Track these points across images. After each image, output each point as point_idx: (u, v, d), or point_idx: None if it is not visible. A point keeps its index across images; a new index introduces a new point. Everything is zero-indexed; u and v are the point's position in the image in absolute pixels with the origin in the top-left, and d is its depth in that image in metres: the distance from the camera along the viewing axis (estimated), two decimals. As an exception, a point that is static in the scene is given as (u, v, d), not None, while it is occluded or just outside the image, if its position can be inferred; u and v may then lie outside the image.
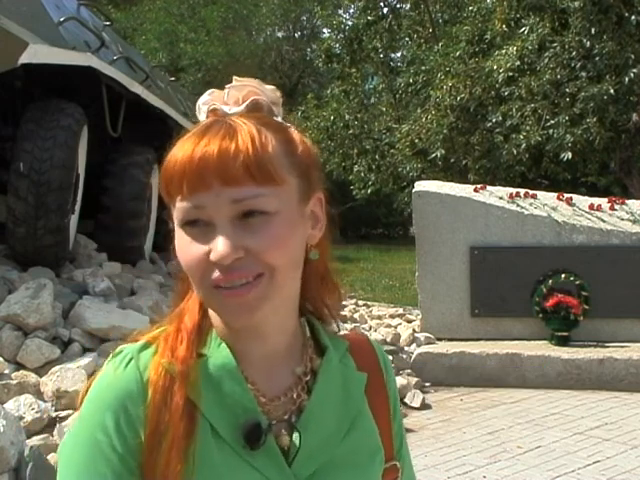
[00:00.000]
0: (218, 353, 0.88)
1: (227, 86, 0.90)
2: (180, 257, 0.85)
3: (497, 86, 11.40)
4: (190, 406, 0.85)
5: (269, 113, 0.90)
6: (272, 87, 0.92)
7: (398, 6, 15.01)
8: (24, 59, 4.12)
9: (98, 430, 0.84)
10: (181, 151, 0.83)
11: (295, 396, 0.91)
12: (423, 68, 12.75)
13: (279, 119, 0.90)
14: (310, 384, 0.92)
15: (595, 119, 10.47)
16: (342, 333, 1.02)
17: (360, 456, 0.93)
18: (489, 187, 7.07)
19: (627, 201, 6.93)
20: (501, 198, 6.73)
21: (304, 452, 0.88)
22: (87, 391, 0.89)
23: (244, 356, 0.89)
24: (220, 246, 0.81)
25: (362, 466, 0.93)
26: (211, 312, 0.90)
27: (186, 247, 0.84)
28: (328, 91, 16.22)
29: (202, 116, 0.90)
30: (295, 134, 0.90)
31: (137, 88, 6.13)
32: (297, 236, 0.87)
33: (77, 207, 5.29)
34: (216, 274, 0.82)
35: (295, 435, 0.88)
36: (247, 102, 0.88)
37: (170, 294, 4.97)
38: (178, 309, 0.93)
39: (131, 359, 0.88)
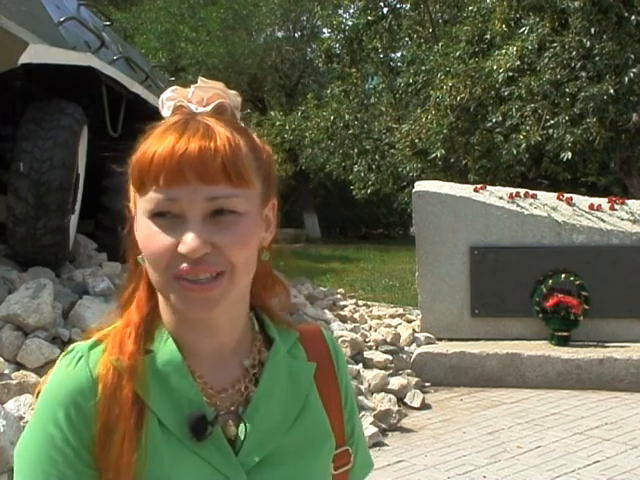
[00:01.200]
0: (165, 348, 0.92)
1: (193, 86, 0.93)
2: (145, 246, 0.88)
3: (497, 86, 11.40)
4: (139, 401, 0.88)
5: (232, 117, 0.94)
6: (235, 92, 0.96)
7: (398, 6, 15.00)
8: (24, 59, 4.12)
9: (51, 425, 0.88)
10: (160, 144, 0.86)
11: (243, 388, 0.95)
12: (423, 68, 12.74)
13: (242, 124, 0.95)
14: (258, 376, 0.96)
15: (595, 119, 10.47)
16: (295, 325, 1.05)
17: (308, 443, 0.96)
18: (489, 187, 7.07)
19: (627, 201, 6.93)
20: (501, 198, 6.73)
21: (250, 441, 0.91)
22: (40, 390, 0.92)
23: (192, 350, 0.93)
24: (191, 240, 0.84)
25: (310, 453, 0.96)
26: (161, 305, 0.94)
27: (153, 237, 0.86)
28: (328, 91, 16.20)
29: (165, 111, 0.93)
30: (258, 139, 0.95)
31: (137, 88, 6.13)
32: (256, 237, 0.91)
33: (77, 207, 5.28)
34: (182, 265, 0.85)
35: (241, 425, 0.92)
36: (214, 104, 0.91)
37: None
38: (126, 300, 0.96)
39: (81, 357, 0.91)
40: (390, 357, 5.80)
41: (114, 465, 0.86)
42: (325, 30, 18.86)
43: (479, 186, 6.99)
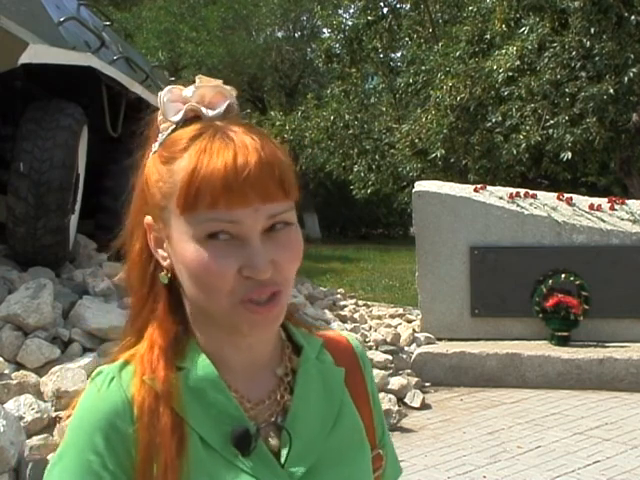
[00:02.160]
0: (198, 364, 0.89)
1: (193, 85, 0.89)
2: (200, 271, 0.83)
3: (497, 86, 11.39)
4: (178, 422, 0.85)
5: (238, 115, 0.91)
6: (231, 87, 0.92)
7: (398, 6, 14.99)
8: (24, 59, 4.12)
9: (88, 451, 0.84)
10: (213, 163, 0.81)
11: (279, 397, 0.92)
12: (423, 68, 12.73)
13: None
14: (292, 384, 0.93)
15: (595, 119, 10.46)
16: (315, 331, 1.03)
17: (350, 446, 0.94)
18: (489, 187, 7.07)
19: (627, 201, 6.93)
20: (501, 198, 6.73)
21: (295, 451, 0.89)
22: (69, 416, 0.89)
23: (226, 364, 0.90)
24: (259, 262, 0.82)
25: (353, 455, 0.94)
26: (194, 323, 0.90)
27: (210, 261, 0.82)
28: (328, 91, 16.19)
29: (172, 116, 0.88)
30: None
31: (137, 88, 6.13)
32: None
33: (77, 207, 5.28)
34: (249, 289, 0.83)
35: (284, 436, 0.89)
36: (224, 106, 0.88)
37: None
38: (144, 321, 0.92)
39: (113, 378, 0.88)
40: (390, 357, 5.80)
41: None
42: (325, 30, 18.86)
43: (479, 186, 6.99)
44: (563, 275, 6.26)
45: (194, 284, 0.85)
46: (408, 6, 14.65)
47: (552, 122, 10.84)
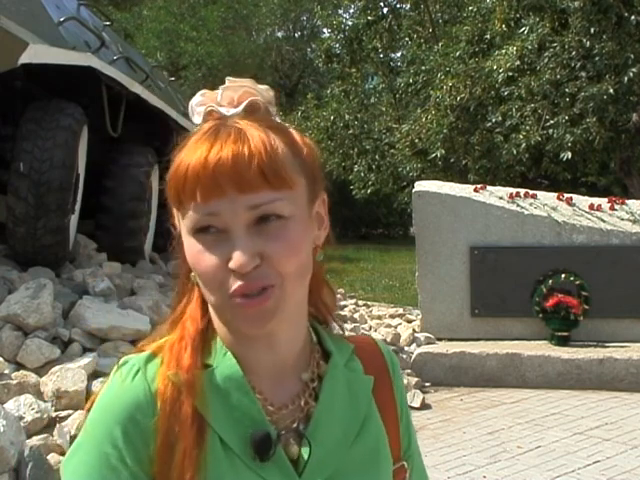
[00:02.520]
0: (224, 363, 0.88)
1: (221, 87, 0.89)
2: (194, 266, 0.84)
3: (497, 86, 11.40)
4: (199, 417, 0.84)
5: (266, 113, 0.89)
6: (266, 87, 0.91)
7: (398, 6, 15.00)
8: (24, 59, 4.12)
9: (106, 443, 0.83)
10: (192, 157, 0.81)
11: (303, 403, 0.90)
12: (423, 68, 12.74)
13: (278, 120, 0.90)
14: (317, 390, 0.91)
15: (595, 119, 10.47)
16: (347, 336, 1.01)
17: (370, 461, 0.92)
18: (489, 187, 7.07)
19: (627, 201, 6.93)
20: (501, 198, 6.73)
21: (314, 461, 0.87)
22: (92, 403, 0.88)
23: (251, 365, 0.89)
24: (239, 254, 0.80)
25: (373, 470, 0.92)
26: (216, 322, 0.89)
27: (200, 255, 0.82)
28: (328, 91, 16.20)
29: (197, 118, 0.88)
30: (296, 135, 0.90)
31: (137, 88, 6.12)
32: (308, 240, 0.87)
33: (77, 207, 5.28)
34: (236, 283, 0.81)
35: (304, 444, 0.87)
36: (244, 103, 0.86)
37: (170, 294, 4.97)
38: (179, 314, 0.92)
39: (138, 370, 0.87)
40: (390, 357, 5.80)
41: None
42: (325, 30, 18.87)
43: (479, 186, 6.99)
44: (563, 275, 6.26)
45: (198, 279, 0.85)
46: (408, 6, 14.67)
47: (552, 122, 10.84)
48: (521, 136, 10.97)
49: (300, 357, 0.92)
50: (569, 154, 10.61)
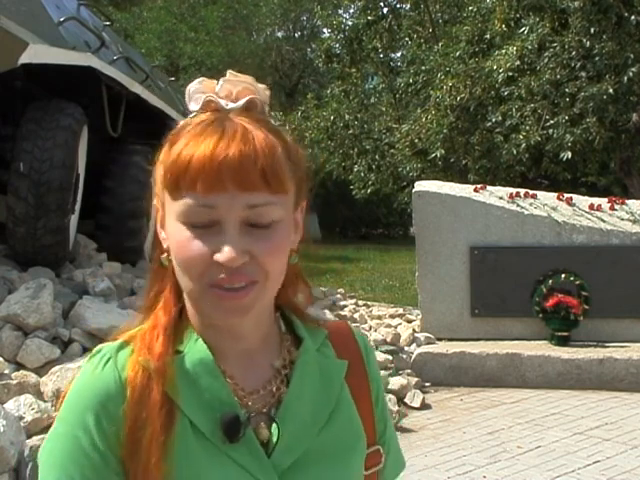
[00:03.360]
0: (195, 349, 0.90)
1: (222, 79, 0.90)
2: (178, 251, 0.86)
3: (497, 86, 11.39)
4: (168, 402, 0.86)
5: (262, 112, 0.91)
6: (264, 86, 0.93)
7: (398, 6, 14.99)
8: (24, 59, 4.12)
9: (78, 428, 0.86)
10: (197, 147, 0.83)
11: (274, 389, 0.93)
12: (423, 68, 12.73)
13: (272, 121, 0.92)
14: (289, 376, 0.94)
15: (595, 119, 10.46)
16: (322, 322, 1.03)
17: (341, 444, 0.94)
18: (489, 187, 7.07)
19: (627, 201, 6.93)
20: (501, 198, 6.73)
21: (282, 443, 0.89)
22: (67, 391, 0.90)
23: (221, 351, 0.91)
24: (230, 250, 0.83)
25: (343, 454, 0.94)
26: (188, 308, 0.92)
27: (188, 243, 0.84)
28: (328, 91, 16.19)
29: (193, 105, 0.90)
30: (290, 140, 0.92)
31: (137, 88, 6.13)
32: (290, 243, 0.90)
33: (77, 207, 5.28)
34: (219, 275, 0.84)
35: (274, 427, 0.90)
36: (244, 100, 0.89)
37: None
38: (152, 302, 0.95)
39: (109, 358, 0.89)
40: (390, 357, 5.80)
41: (142, 468, 0.84)
42: (325, 30, 18.87)
43: (479, 186, 6.99)
44: (563, 275, 6.26)
45: (177, 265, 0.87)
46: (408, 6, 14.66)
47: (552, 122, 10.84)
48: (521, 136, 10.96)
49: (268, 344, 0.95)
50: (569, 154, 10.61)
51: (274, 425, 0.90)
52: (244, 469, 0.87)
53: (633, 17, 10.53)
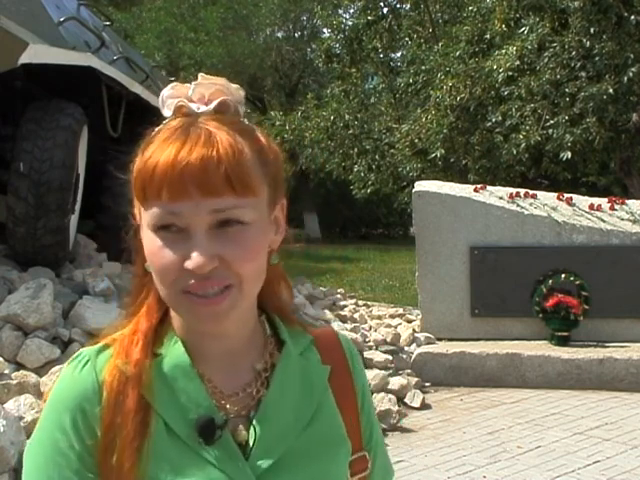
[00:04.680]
0: (173, 352, 0.91)
1: (193, 82, 0.90)
2: (150, 259, 0.86)
3: (497, 86, 11.39)
4: (144, 407, 0.87)
5: (235, 113, 0.90)
6: (237, 86, 0.93)
7: (398, 6, 14.99)
8: (24, 59, 4.11)
9: (57, 430, 0.87)
10: (161, 154, 0.83)
11: (254, 392, 0.93)
12: (423, 68, 12.73)
13: (246, 121, 0.91)
14: (270, 379, 0.94)
15: (595, 119, 10.46)
16: (309, 328, 1.03)
17: (321, 448, 0.93)
18: (489, 187, 7.07)
19: (627, 201, 6.93)
20: (501, 198, 6.73)
21: (261, 445, 0.89)
22: (48, 395, 0.92)
23: (202, 354, 0.92)
24: (198, 256, 0.82)
25: (323, 457, 0.93)
26: (171, 312, 0.93)
27: (158, 251, 0.84)
28: (328, 91, 16.19)
29: (166, 111, 0.90)
30: (263, 139, 0.91)
31: (137, 88, 6.13)
32: (265, 246, 0.89)
33: (77, 207, 5.28)
34: (190, 281, 0.83)
35: (251, 429, 0.90)
36: (215, 102, 0.88)
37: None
38: (136, 306, 0.96)
39: (88, 361, 0.91)
40: (390, 357, 5.80)
41: (116, 471, 0.85)
42: (325, 30, 18.86)
43: (479, 186, 6.99)
44: (563, 275, 6.26)
45: (152, 272, 0.87)
46: (408, 6, 14.65)
47: (552, 122, 10.84)
48: (521, 136, 10.96)
49: (251, 347, 0.95)
50: (569, 154, 10.61)
51: (251, 427, 0.90)
52: (221, 471, 0.87)
53: (633, 17, 10.53)
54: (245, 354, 0.94)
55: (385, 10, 14.76)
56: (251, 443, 0.89)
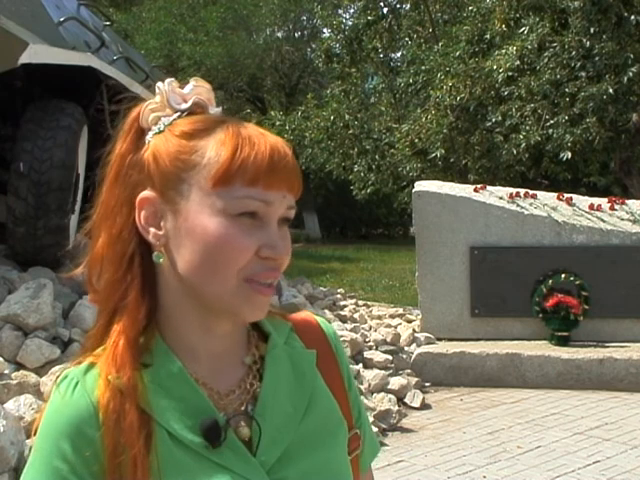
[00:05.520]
0: (164, 360, 0.89)
1: (192, 84, 0.92)
2: (220, 245, 0.84)
3: (497, 86, 11.39)
4: (145, 419, 0.85)
5: None
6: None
7: (398, 6, 15.00)
8: (24, 59, 4.11)
9: (56, 458, 0.84)
10: (251, 143, 0.85)
11: (248, 386, 0.92)
12: (423, 68, 12.73)
13: None
14: (261, 371, 0.94)
15: (595, 119, 10.46)
16: (284, 315, 1.03)
17: (323, 432, 0.94)
18: (489, 187, 7.07)
19: (627, 201, 6.93)
20: (501, 198, 6.73)
21: (266, 439, 0.89)
22: (39, 422, 0.88)
23: (193, 355, 0.91)
24: (281, 245, 0.87)
25: (327, 441, 0.94)
26: (170, 310, 0.90)
27: (232, 237, 0.84)
28: (328, 91, 16.18)
29: (177, 104, 0.90)
30: None
31: (137, 88, 6.12)
32: None
33: (77, 207, 5.28)
34: (261, 270, 0.86)
35: (254, 425, 0.89)
36: (220, 108, 0.93)
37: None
38: (112, 314, 0.90)
39: (77, 382, 0.87)
40: (390, 357, 5.80)
41: None
42: (325, 30, 18.86)
43: (479, 186, 6.99)
44: (563, 275, 6.26)
45: (204, 260, 0.85)
46: (408, 6, 14.66)
47: (552, 122, 10.84)
48: (521, 136, 10.97)
49: (238, 342, 0.95)
50: (569, 154, 10.61)
51: (254, 423, 0.89)
52: (232, 472, 0.86)
53: (633, 17, 10.53)
54: (233, 350, 0.94)
55: (385, 10, 14.77)
56: (256, 439, 0.89)
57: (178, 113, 0.90)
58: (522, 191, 6.86)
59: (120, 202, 0.91)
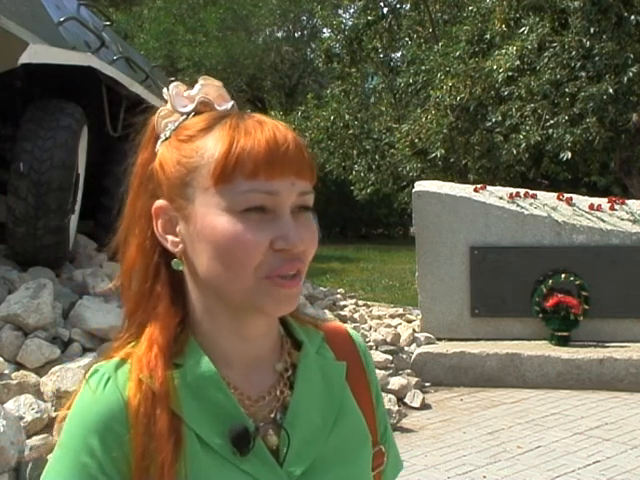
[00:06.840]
0: (197, 362, 0.87)
1: (200, 83, 0.91)
2: (231, 243, 0.82)
3: (497, 86, 11.40)
4: (175, 423, 0.83)
5: None
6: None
7: (398, 6, 15.01)
8: (24, 59, 4.11)
9: (84, 454, 0.82)
10: (246, 136, 0.83)
11: (278, 393, 0.90)
12: (423, 68, 12.74)
13: None
14: (292, 379, 0.92)
15: (595, 119, 10.47)
16: (317, 323, 1.01)
17: (350, 446, 0.92)
18: (489, 187, 7.07)
19: (627, 201, 6.93)
20: (501, 198, 6.73)
21: (294, 451, 0.87)
22: (64, 416, 0.87)
23: (225, 359, 0.89)
24: (294, 234, 0.82)
25: (352, 457, 0.92)
26: (198, 313, 0.89)
27: (242, 234, 0.82)
28: (328, 91, 16.20)
29: (182, 107, 0.89)
30: None
31: (137, 88, 6.12)
32: None
33: (77, 207, 5.28)
34: (280, 263, 0.83)
35: (283, 434, 0.87)
36: (231, 103, 0.90)
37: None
38: (142, 317, 0.90)
39: (109, 378, 0.85)
40: (390, 357, 5.80)
41: None
42: (325, 30, 18.86)
43: (479, 186, 6.99)
44: (563, 275, 6.26)
45: (218, 261, 0.83)
46: (408, 6, 14.67)
47: (552, 122, 10.85)
48: (521, 136, 10.97)
49: (273, 348, 0.93)
50: (569, 154, 10.62)
51: (283, 432, 0.87)
52: None
53: (633, 17, 10.53)
54: (267, 356, 0.92)
55: (385, 10, 14.78)
56: (284, 449, 0.87)
57: (184, 116, 0.89)
58: (522, 191, 6.86)
59: (141, 213, 0.90)
